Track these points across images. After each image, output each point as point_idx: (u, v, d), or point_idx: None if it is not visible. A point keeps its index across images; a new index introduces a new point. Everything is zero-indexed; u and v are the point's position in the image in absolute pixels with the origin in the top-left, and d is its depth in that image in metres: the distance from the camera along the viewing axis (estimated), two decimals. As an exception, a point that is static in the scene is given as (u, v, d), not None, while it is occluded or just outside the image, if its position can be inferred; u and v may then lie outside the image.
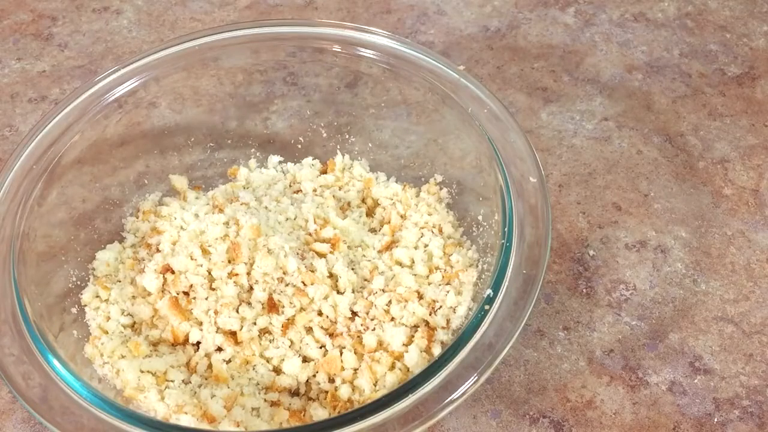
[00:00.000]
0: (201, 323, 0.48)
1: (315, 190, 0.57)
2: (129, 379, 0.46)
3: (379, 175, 0.59)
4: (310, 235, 0.52)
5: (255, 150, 0.60)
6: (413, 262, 0.52)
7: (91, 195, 0.53)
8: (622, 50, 0.72)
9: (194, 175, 0.59)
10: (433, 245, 0.52)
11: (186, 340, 0.49)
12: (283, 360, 0.48)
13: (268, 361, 0.48)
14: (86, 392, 0.40)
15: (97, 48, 0.74)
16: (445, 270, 0.51)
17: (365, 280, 0.51)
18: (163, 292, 0.50)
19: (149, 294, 0.50)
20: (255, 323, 0.48)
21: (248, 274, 0.49)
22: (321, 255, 0.51)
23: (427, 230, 0.54)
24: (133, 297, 0.50)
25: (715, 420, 0.49)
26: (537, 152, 0.49)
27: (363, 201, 0.58)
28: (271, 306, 0.48)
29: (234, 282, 0.49)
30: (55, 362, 0.42)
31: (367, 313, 0.49)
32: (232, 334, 0.48)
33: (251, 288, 0.49)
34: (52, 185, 0.50)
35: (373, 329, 0.48)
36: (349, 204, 0.57)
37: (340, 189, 0.58)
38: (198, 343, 0.48)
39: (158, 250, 0.52)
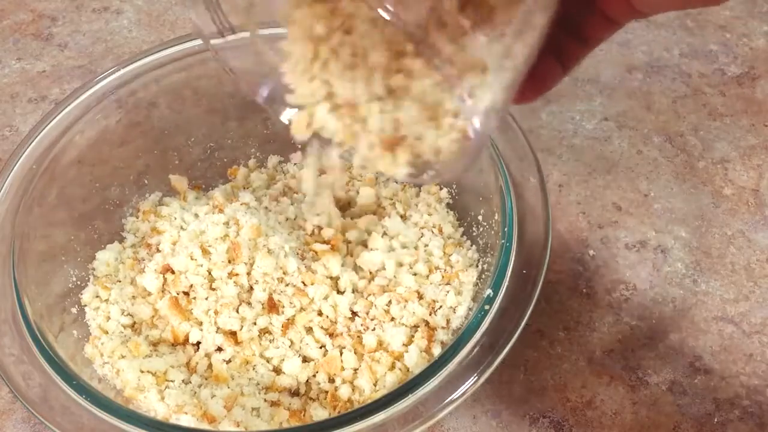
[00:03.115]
0: (201, 323, 0.48)
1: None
2: (129, 379, 0.46)
3: (379, 175, 0.59)
4: (310, 235, 0.52)
5: (255, 150, 0.60)
6: (413, 262, 0.52)
7: (91, 195, 0.53)
8: (622, 50, 0.72)
9: (194, 175, 0.59)
10: (433, 245, 0.52)
11: (186, 340, 0.49)
12: (283, 360, 0.48)
13: (268, 361, 0.48)
14: (86, 392, 0.40)
15: (97, 48, 0.74)
16: (445, 270, 0.51)
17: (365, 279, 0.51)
18: (163, 292, 0.50)
19: (149, 294, 0.50)
20: (255, 323, 0.48)
21: (248, 274, 0.49)
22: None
23: (427, 230, 0.54)
24: (133, 297, 0.50)
25: (715, 420, 0.49)
26: (537, 152, 0.49)
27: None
28: (271, 306, 0.48)
29: (234, 282, 0.49)
30: (55, 362, 0.42)
31: (367, 313, 0.49)
32: (232, 334, 0.48)
33: (251, 288, 0.49)
34: (52, 185, 0.50)
35: (373, 329, 0.48)
36: (349, 204, 0.57)
37: (340, 189, 0.58)
38: (198, 343, 0.49)
39: (158, 250, 0.52)
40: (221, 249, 0.49)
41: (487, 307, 0.42)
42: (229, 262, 0.49)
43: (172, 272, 0.50)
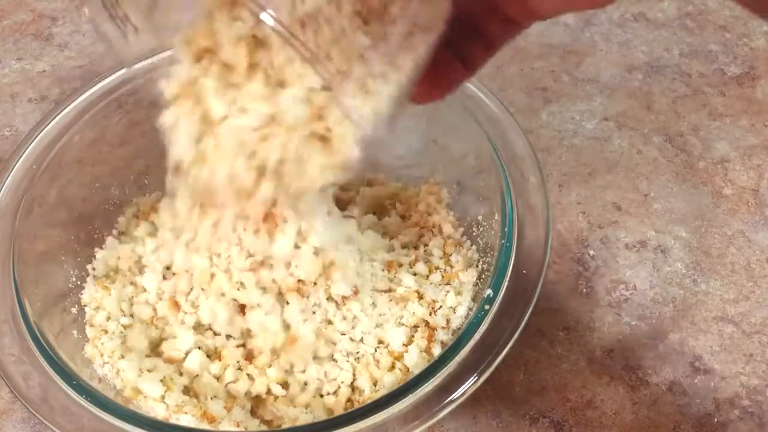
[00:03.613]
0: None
1: (315, 190, 0.57)
2: (129, 379, 0.46)
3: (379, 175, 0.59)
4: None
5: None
6: (413, 262, 0.52)
7: (91, 195, 0.53)
8: (622, 50, 0.72)
9: (194, 175, 0.59)
10: (433, 245, 0.52)
11: (186, 340, 0.49)
12: (283, 360, 0.48)
13: (268, 361, 0.48)
14: (86, 392, 0.40)
15: (97, 48, 0.74)
16: (445, 270, 0.51)
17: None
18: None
19: (149, 294, 0.50)
20: (255, 323, 0.48)
21: (248, 274, 0.49)
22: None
23: (427, 230, 0.54)
24: (133, 297, 0.50)
25: (715, 420, 0.49)
26: (537, 152, 0.49)
27: (363, 201, 0.58)
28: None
29: (234, 282, 0.49)
30: (55, 362, 0.42)
31: (367, 313, 0.49)
32: (232, 334, 0.48)
33: (251, 288, 0.49)
34: (52, 185, 0.50)
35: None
36: (349, 204, 0.57)
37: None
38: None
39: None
40: (221, 249, 0.49)
41: (487, 307, 0.42)
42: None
43: (172, 272, 0.50)
